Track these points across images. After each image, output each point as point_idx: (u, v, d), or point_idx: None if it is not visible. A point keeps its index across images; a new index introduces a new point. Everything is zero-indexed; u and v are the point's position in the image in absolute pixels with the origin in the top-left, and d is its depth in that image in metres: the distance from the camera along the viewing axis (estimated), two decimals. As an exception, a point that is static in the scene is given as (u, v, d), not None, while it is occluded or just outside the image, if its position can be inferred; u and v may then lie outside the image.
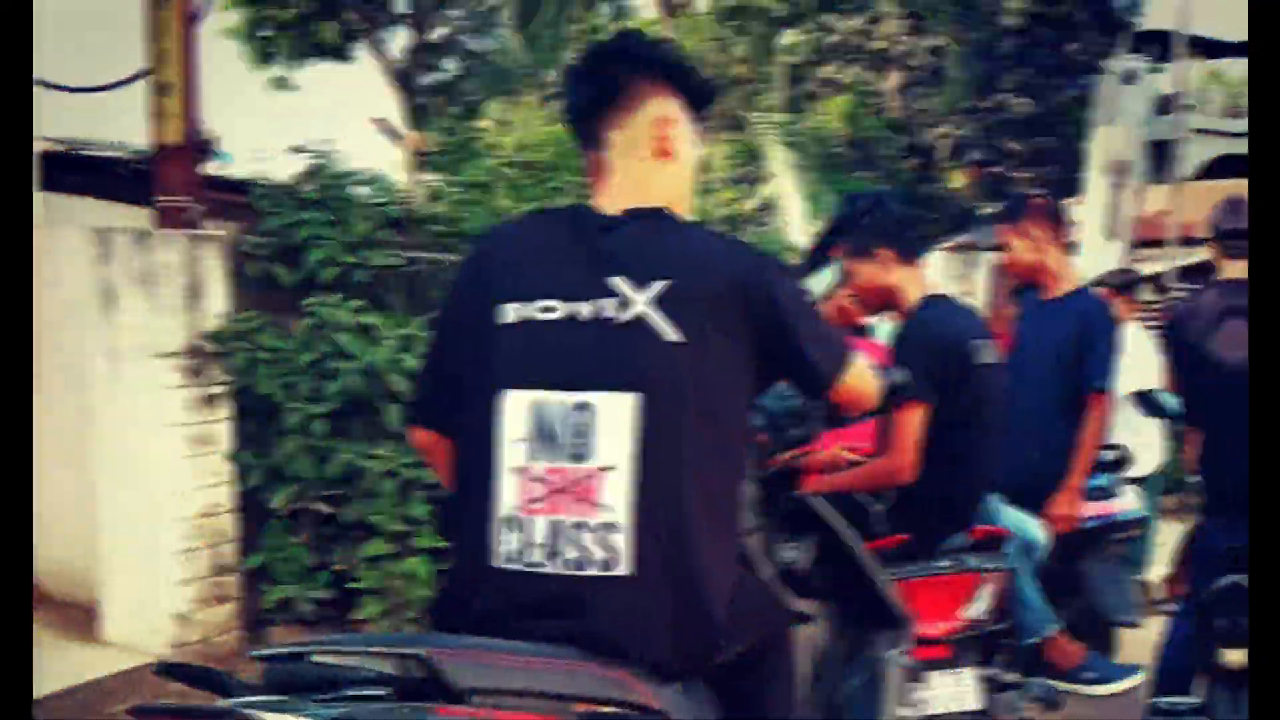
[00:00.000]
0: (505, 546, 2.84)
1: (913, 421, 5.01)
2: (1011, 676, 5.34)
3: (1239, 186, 5.44)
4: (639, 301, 2.90)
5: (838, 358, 3.24)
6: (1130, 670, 6.19)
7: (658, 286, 2.91)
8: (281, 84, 32.96)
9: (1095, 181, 16.56)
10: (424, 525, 7.63)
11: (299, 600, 7.61)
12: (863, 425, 4.98)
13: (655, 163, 3.20)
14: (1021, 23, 32.24)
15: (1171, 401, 6.97)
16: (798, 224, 21.82)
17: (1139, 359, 8.19)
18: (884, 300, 5.45)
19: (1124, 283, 9.56)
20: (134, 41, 8.35)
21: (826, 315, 4.07)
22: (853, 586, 4.28)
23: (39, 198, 8.44)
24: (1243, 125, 24.96)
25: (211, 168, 9.33)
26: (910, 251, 5.41)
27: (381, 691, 2.38)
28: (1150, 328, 9.78)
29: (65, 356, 7.73)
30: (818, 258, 6.04)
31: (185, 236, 7.36)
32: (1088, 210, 16.38)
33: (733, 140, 25.65)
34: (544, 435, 2.86)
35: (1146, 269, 17.03)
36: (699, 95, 3.33)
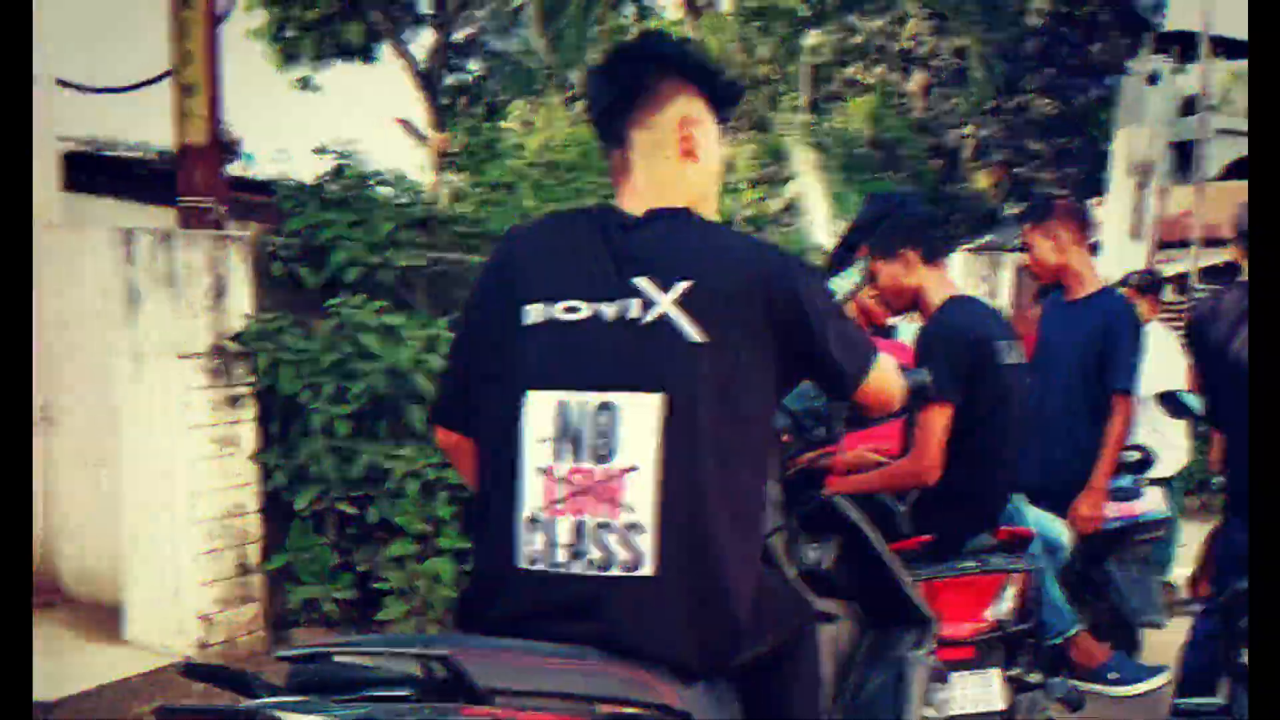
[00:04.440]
0: (529, 547, 2.84)
1: (937, 422, 5.01)
2: (1035, 677, 5.33)
3: (1263, 187, 5.43)
4: (663, 302, 2.90)
5: (862, 358, 3.23)
6: (1154, 671, 6.18)
7: (682, 287, 2.91)
8: (305, 85, 33.06)
9: (1119, 182, 16.57)
10: (448, 526, 7.63)
11: (323, 601, 7.62)
12: (888, 426, 4.97)
13: (679, 163, 3.19)
14: (1045, 23, 32.22)
15: (1195, 402, 6.95)
16: (822, 224, 21.81)
17: (1163, 359, 8.18)
18: (908, 301, 5.44)
19: (1148, 283, 9.55)
20: (158, 42, 8.37)
21: (850, 316, 4.07)
22: (877, 586, 4.27)
23: (62, 198, 8.46)
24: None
25: (235, 168, 9.36)
26: (934, 252, 5.41)
27: (405, 692, 2.38)
28: (1174, 328, 9.76)
29: (89, 357, 7.76)
30: (842, 258, 6.04)
31: (209, 237, 7.37)
32: (1112, 211, 16.40)
33: (757, 140, 25.65)
34: (568, 436, 2.86)
35: (1170, 269, 17.03)
36: (723, 95, 3.33)
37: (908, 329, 6.78)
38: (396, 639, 2.65)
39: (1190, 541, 7.77)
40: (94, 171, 9.64)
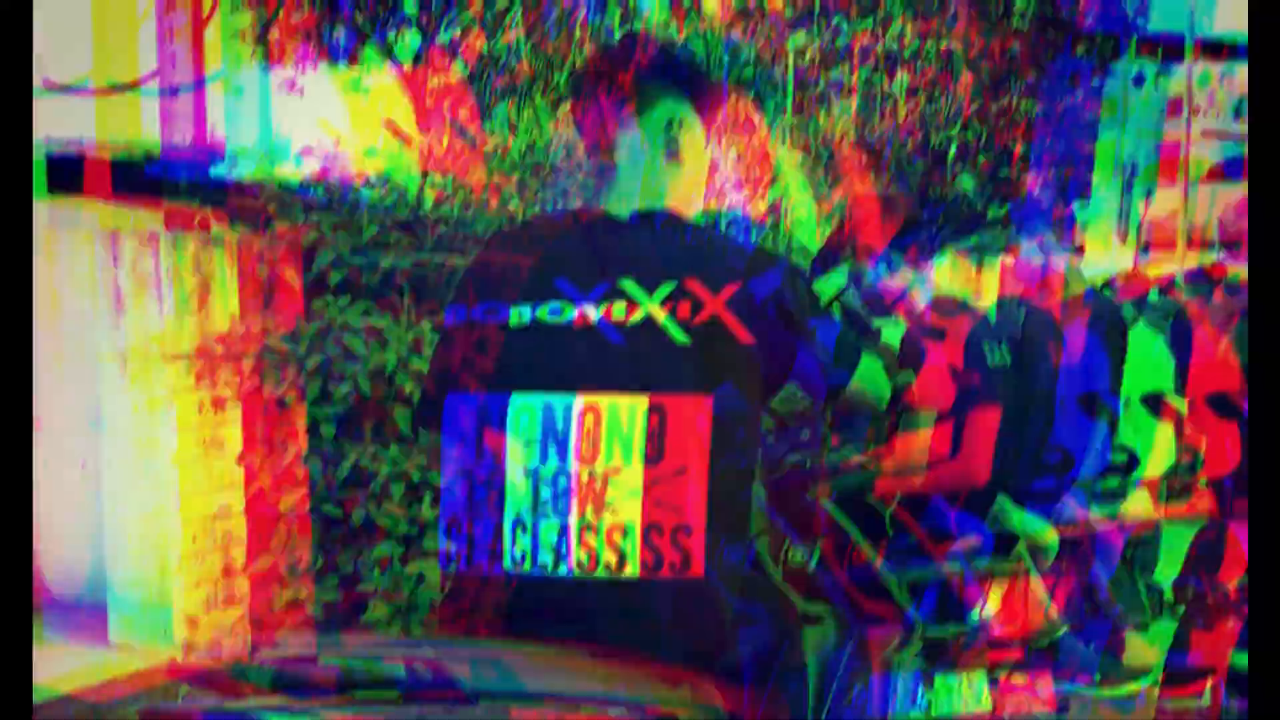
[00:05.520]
0: (514, 549, 2.84)
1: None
2: (1020, 678, 5.34)
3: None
4: (648, 304, 2.90)
5: (848, 360, 3.23)
6: (1139, 672, 6.19)
7: (667, 289, 2.91)
8: (290, 86, 33.04)
9: (1104, 184, 16.57)
10: (433, 527, 7.62)
11: (308, 602, 7.61)
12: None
13: (664, 164, 3.20)
14: (1030, 25, 32.24)
15: (1181, 404, 6.98)
16: (806, 226, 21.80)
17: (1149, 361, 8.20)
18: (894, 302, 5.45)
19: (1134, 285, 9.57)
20: (144, 43, 8.34)
21: (836, 317, 4.07)
22: (862, 588, 4.28)
23: (47, 201, 8.44)
24: (1252, 127, 25.02)
25: (220, 170, 9.33)
26: (919, 254, 5.42)
27: (390, 693, 2.38)
28: (1160, 330, 9.78)
29: (74, 359, 7.74)
30: (827, 260, 6.06)
31: (194, 239, 7.35)
32: (1096, 212, 16.41)
33: (741, 142, 25.64)
34: (553, 437, 2.85)
35: (1155, 271, 17.04)
36: (708, 97, 3.33)
37: (894, 331, 6.79)
38: (382, 640, 2.64)
39: (1175, 543, 7.79)
40: (79, 173, 9.60)
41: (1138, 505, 6.99)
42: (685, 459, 2.84)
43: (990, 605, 5.02)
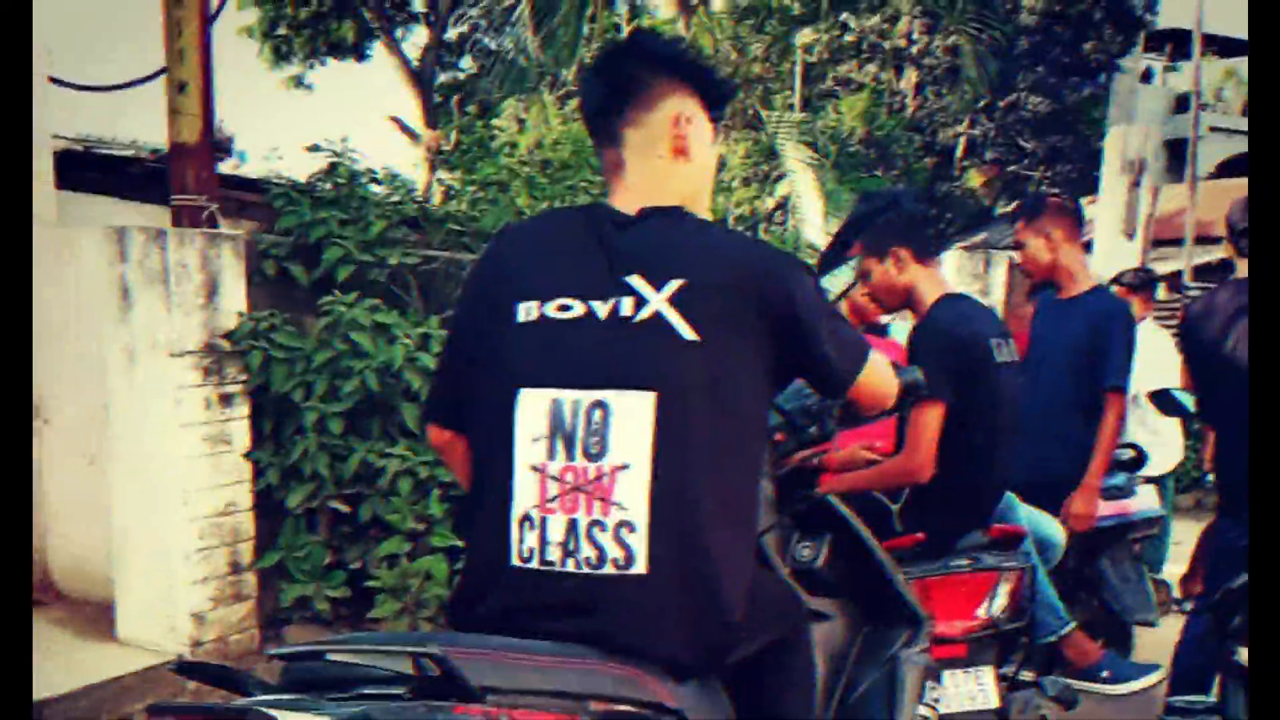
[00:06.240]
0: (522, 545, 2.84)
1: (929, 420, 5.01)
2: (1028, 675, 5.34)
3: (1255, 185, 5.44)
4: (655, 300, 2.89)
5: (855, 357, 3.23)
6: (1147, 669, 6.18)
7: (674, 285, 2.90)
8: (298, 83, 33.04)
9: (1112, 180, 16.54)
10: (440, 524, 7.63)
11: (315, 599, 7.61)
12: (881, 424, 4.97)
13: (672, 161, 3.19)
14: (1038, 22, 32.22)
15: (1188, 400, 6.96)
16: (814, 223, 21.78)
17: (1156, 357, 8.19)
18: (900, 299, 5.44)
19: (1141, 281, 9.55)
20: (151, 40, 8.35)
21: (843, 314, 4.07)
22: (870, 585, 4.27)
23: (55, 196, 8.45)
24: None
25: (228, 166, 9.34)
26: (926, 250, 5.41)
27: (398, 690, 2.37)
28: (1167, 326, 9.77)
29: (81, 355, 7.75)
30: (835, 256, 6.05)
31: (201, 235, 7.35)
32: (1104, 209, 16.39)
33: (749, 138, 25.61)
34: (560, 434, 2.85)
35: (1163, 267, 17.01)
36: (716, 94, 3.33)
37: (900, 327, 6.79)
38: (389, 637, 2.63)
39: (1183, 539, 7.78)
40: (87, 169, 9.62)
41: (1145, 501, 6.99)
42: (693, 454, 2.84)
43: (998, 601, 5.01)
